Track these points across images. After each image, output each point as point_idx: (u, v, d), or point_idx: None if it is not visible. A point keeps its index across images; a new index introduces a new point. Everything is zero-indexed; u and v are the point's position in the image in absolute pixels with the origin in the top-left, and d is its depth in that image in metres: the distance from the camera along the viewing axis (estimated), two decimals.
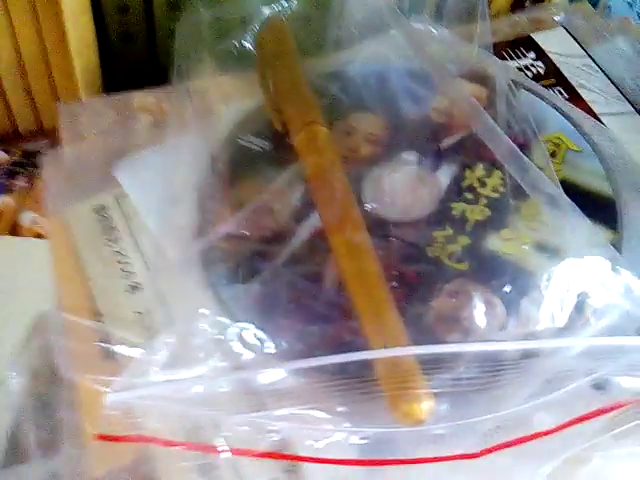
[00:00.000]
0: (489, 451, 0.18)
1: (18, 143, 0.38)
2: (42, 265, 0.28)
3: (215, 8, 0.31)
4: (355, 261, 0.22)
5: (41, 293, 0.27)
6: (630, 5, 0.36)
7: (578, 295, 0.21)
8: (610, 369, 0.19)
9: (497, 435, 0.19)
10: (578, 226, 0.22)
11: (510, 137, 0.26)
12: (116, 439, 0.18)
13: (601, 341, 0.19)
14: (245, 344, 0.19)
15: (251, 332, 0.20)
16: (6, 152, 0.37)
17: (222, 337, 0.19)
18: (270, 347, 0.20)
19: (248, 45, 0.31)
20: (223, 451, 0.18)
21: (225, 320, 0.20)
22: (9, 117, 0.37)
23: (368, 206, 0.25)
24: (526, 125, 0.25)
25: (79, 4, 0.31)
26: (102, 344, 0.22)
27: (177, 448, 0.18)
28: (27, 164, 0.37)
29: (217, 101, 0.30)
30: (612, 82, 0.31)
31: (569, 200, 0.23)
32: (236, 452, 0.18)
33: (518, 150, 0.25)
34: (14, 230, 0.34)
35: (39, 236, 0.34)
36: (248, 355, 0.19)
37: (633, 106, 0.30)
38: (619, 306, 0.20)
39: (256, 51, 0.31)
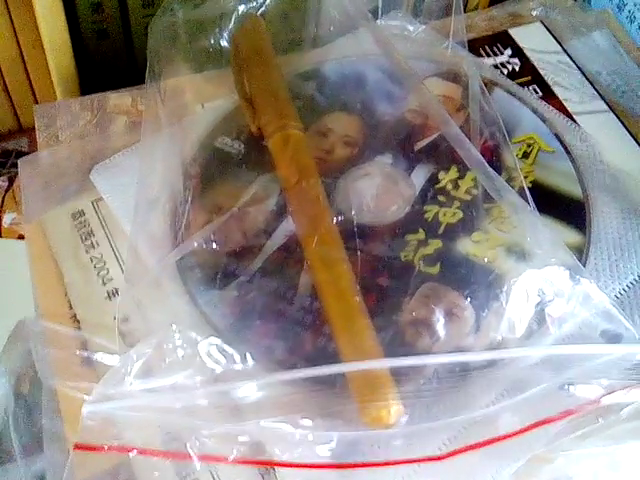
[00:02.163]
0: (453, 454, 0.19)
1: None
2: (23, 266, 0.29)
3: (190, 6, 0.31)
4: (327, 272, 0.22)
5: (23, 295, 0.28)
6: None
7: (540, 303, 0.21)
8: (571, 376, 0.19)
9: (462, 436, 0.20)
10: (541, 233, 0.23)
11: (481, 138, 0.26)
12: (93, 449, 0.18)
13: (560, 350, 0.20)
14: (219, 356, 0.20)
15: (225, 345, 0.20)
16: None
17: (196, 349, 0.20)
18: (244, 360, 0.20)
19: (224, 43, 0.31)
20: (198, 459, 0.19)
21: (200, 332, 0.21)
22: None
23: (342, 210, 0.26)
24: (497, 127, 0.26)
25: (52, 4, 0.31)
26: (81, 351, 0.22)
27: (161, 458, 0.19)
28: (6, 163, 0.37)
29: (192, 101, 0.30)
30: (587, 79, 0.31)
31: (531, 209, 0.24)
32: (210, 459, 0.19)
33: (482, 158, 0.25)
34: None
35: (20, 237, 0.35)
36: (222, 368, 0.19)
37: (607, 104, 0.30)
38: (579, 315, 0.21)
39: (231, 50, 0.30)
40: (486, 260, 0.24)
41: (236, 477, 0.20)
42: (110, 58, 0.34)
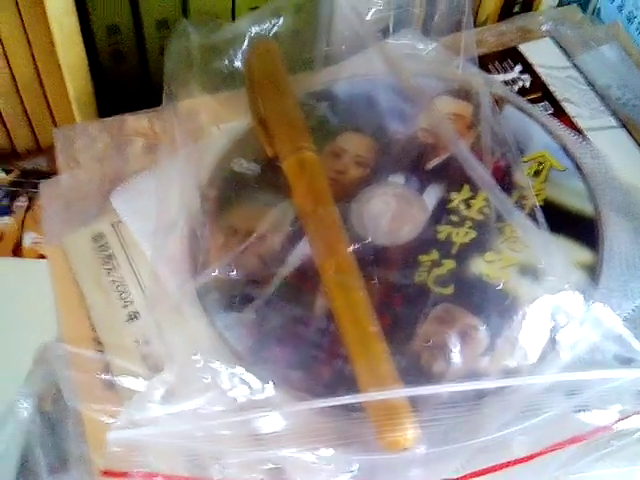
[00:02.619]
0: (468, 477, 0.20)
1: (16, 162, 0.38)
2: (44, 286, 0.30)
3: (205, 29, 0.31)
4: (344, 298, 0.22)
5: (45, 316, 0.28)
6: (619, 9, 0.36)
7: (553, 327, 0.22)
8: (583, 400, 0.20)
9: (477, 460, 0.20)
10: (553, 254, 0.23)
11: (493, 158, 0.27)
12: (121, 475, 0.19)
13: (572, 376, 0.20)
14: (240, 385, 0.20)
15: (246, 373, 0.21)
16: (5, 172, 0.38)
17: (218, 378, 0.20)
18: (264, 388, 0.21)
19: (238, 64, 0.32)
20: None
21: (221, 357, 0.21)
22: (7, 137, 0.38)
23: (356, 232, 0.26)
24: (507, 147, 0.26)
25: (69, 27, 0.31)
26: (103, 375, 0.23)
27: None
28: (26, 184, 0.38)
29: (207, 123, 0.31)
30: (597, 94, 0.31)
31: (542, 229, 0.24)
32: None
33: (491, 179, 0.25)
34: (17, 251, 0.35)
35: (41, 256, 0.35)
36: (243, 397, 0.20)
37: (618, 119, 0.30)
38: (591, 338, 0.21)
39: (245, 72, 0.31)
40: (499, 281, 0.24)
41: None
42: (126, 79, 0.35)
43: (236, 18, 0.33)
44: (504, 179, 0.27)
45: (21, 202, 0.37)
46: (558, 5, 0.37)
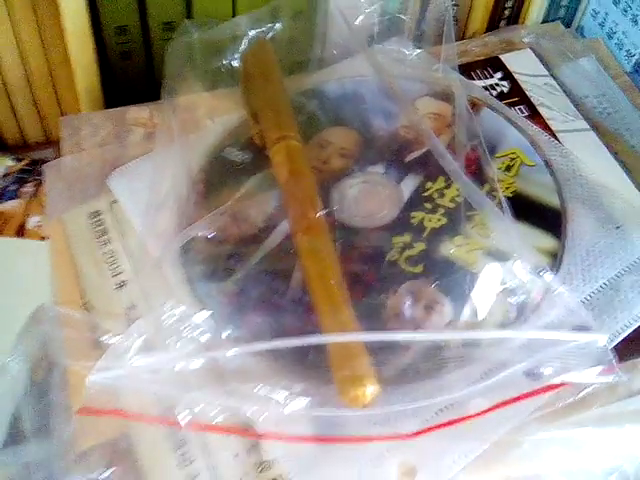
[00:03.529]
0: (424, 432, 0.21)
1: (26, 153, 0.41)
2: (44, 264, 0.31)
3: (205, 29, 0.34)
4: (315, 260, 0.24)
5: (41, 289, 0.30)
6: (601, 26, 0.38)
7: (515, 303, 0.23)
8: (540, 359, 0.21)
9: (435, 419, 0.21)
10: (516, 238, 0.25)
11: (467, 152, 0.28)
12: (95, 412, 0.20)
13: (529, 334, 0.21)
14: (210, 329, 0.22)
15: (217, 320, 0.22)
16: (16, 160, 0.40)
17: (190, 321, 0.22)
18: (234, 333, 0.22)
19: (235, 64, 0.34)
20: (188, 426, 0.20)
21: (194, 310, 0.23)
22: (18, 129, 0.40)
23: (335, 214, 0.28)
24: (478, 142, 0.28)
25: (80, 25, 0.34)
26: (91, 334, 0.25)
27: (150, 423, 0.21)
28: (34, 171, 0.40)
29: (203, 116, 0.33)
30: (572, 102, 0.33)
31: (508, 217, 0.25)
32: (200, 427, 0.21)
33: (462, 171, 0.27)
34: (21, 232, 0.37)
35: (43, 238, 0.37)
36: (212, 340, 0.21)
37: (590, 124, 0.32)
38: (549, 313, 0.22)
39: (241, 67, 0.33)
40: (465, 261, 0.26)
41: (225, 448, 0.22)
42: (132, 76, 0.38)
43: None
44: (476, 172, 0.28)
45: (28, 188, 0.39)
46: (543, 22, 0.39)
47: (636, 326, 0.24)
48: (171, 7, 0.35)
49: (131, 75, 0.38)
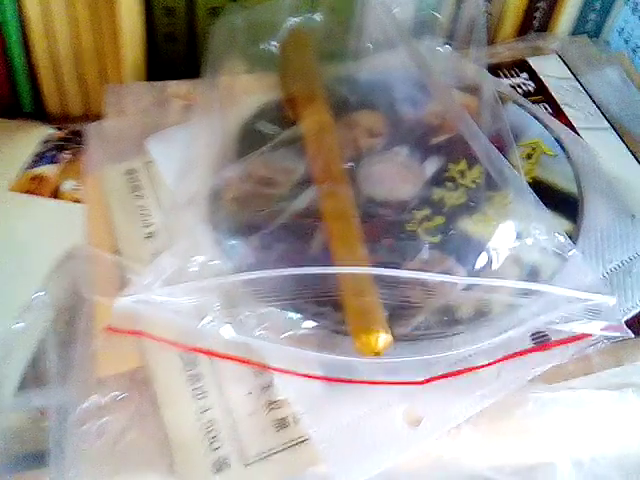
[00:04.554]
0: (431, 380, 0.21)
1: (67, 124, 0.43)
2: (76, 225, 0.33)
3: (249, 14, 0.36)
4: (333, 202, 0.25)
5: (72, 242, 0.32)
6: (626, 42, 0.40)
7: (530, 273, 0.24)
8: (549, 319, 0.22)
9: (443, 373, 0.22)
10: (538, 215, 0.26)
11: (491, 140, 0.29)
12: (119, 332, 0.21)
13: (537, 286, 0.22)
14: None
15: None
16: (57, 129, 0.42)
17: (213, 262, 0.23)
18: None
19: (274, 49, 0.36)
20: (203, 352, 0.21)
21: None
22: (62, 101, 0.43)
23: (359, 186, 0.29)
24: (505, 131, 0.29)
25: (132, 4, 0.36)
26: (119, 273, 0.26)
27: (167, 346, 0.22)
28: (74, 141, 0.42)
29: (240, 94, 0.35)
30: (595, 104, 0.34)
31: (533, 194, 0.26)
32: (214, 354, 0.22)
33: (495, 149, 0.28)
34: (55, 195, 0.39)
35: (76, 201, 0.39)
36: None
37: (611, 124, 0.33)
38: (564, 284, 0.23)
39: (279, 54, 0.35)
40: (482, 234, 0.26)
41: (238, 385, 0.22)
42: (175, 57, 0.40)
43: None
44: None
45: (65, 155, 0.41)
46: (570, 35, 0.41)
47: None
48: None
49: (174, 56, 0.40)
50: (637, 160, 0.31)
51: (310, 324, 0.22)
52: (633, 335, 0.22)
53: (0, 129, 0.42)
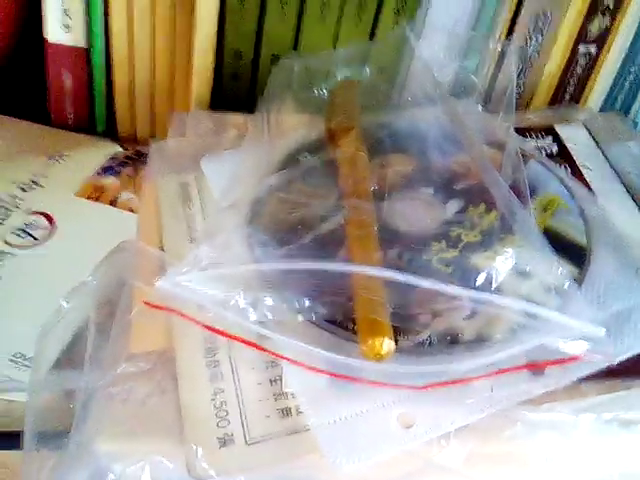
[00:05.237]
0: (427, 387, 0.23)
1: (134, 145, 0.48)
2: (127, 229, 0.37)
3: (305, 61, 0.40)
4: (356, 214, 0.28)
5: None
6: None
7: (529, 313, 0.26)
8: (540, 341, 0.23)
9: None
10: (544, 256, 0.28)
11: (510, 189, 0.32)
12: (156, 307, 0.24)
13: (535, 308, 0.24)
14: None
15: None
16: (124, 149, 0.47)
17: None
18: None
19: (324, 95, 0.40)
20: (224, 334, 0.24)
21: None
22: (132, 124, 0.48)
23: (384, 218, 0.32)
24: (522, 182, 0.32)
25: (207, 45, 0.41)
26: (160, 265, 0.29)
27: (197, 325, 0.25)
28: (136, 159, 0.47)
29: (289, 129, 0.39)
30: (614, 170, 0.36)
31: (542, 237, 0.29)
32: (232, 337, 0.24)
33: (515, 197, 0.31)
34: (113, 203, 0.43)
35: (130, 210, 0.43)
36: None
37: (627, 189, 0.35)
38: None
39: (328, 98, 0.39)
40: (491, 270, 0.29)
41: (252, 374, 0.25)
42: (237, 94, 0.45)
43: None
44: None
45: (128, 170, 0.46)
46: (599, 111, 0.44)
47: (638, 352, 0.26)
48: (281, 42, 0.42)
49: (237, 92, 0.45)
50: None
51: (321, 321, 0.25)
52: (616, 363, 0.24)
53: (75, 142, 0.48)
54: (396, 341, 0.25)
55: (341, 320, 0.26)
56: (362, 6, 0.40)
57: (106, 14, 0.41)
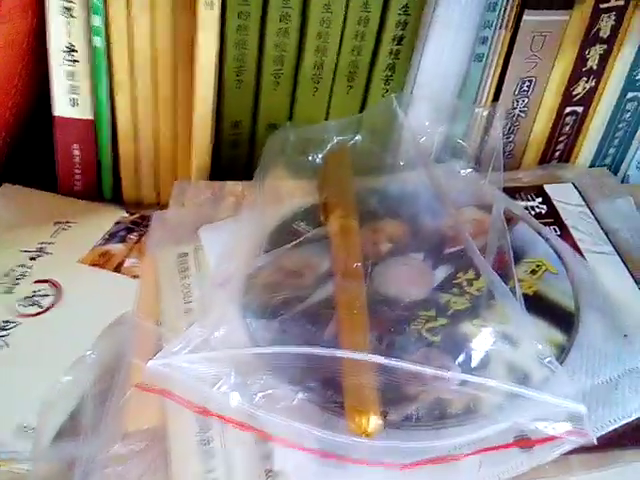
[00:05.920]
0: (417, 464, 0.23)
1: (138, 209, 0.50)
2: (131, 296, 0.38)
3: (301, 131, 0.42)
4: (346, 294, 0.29)
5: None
6: None
7: (515, 379, 0.26)
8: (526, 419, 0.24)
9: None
10: (527, 328, 0.28)
11: (496, 253, 0.33)
12: (148, 389, 0.25)
13: (521, 390, 0.24)
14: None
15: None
16: (130, 214, 0.49)
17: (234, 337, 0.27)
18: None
19: (318, 161, 0.42)
20: (213, 415, 0.25)
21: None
22: (137, 190, 0.50)
23: (375, 284, 0.32)
24: (506, 248, 0.32)
25: (206, 117, 0.43)
26: (156, 341, 0.30)
27: (186, 407, 0.25)
28: (141, 224, 0.49)
29: (284, 195, 0.40)
30: (603, 229, 0.37)
31: (523, 310, 0.29)
32: (221, 417, 0.25)
33: (489, 267, 0.31)
34: (118, 269, 0.45)
35: (135, 276, 0.44)
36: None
37: (615, 249, 0.35)
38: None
39: (322, 165, 0.41)
40: (479, 339, 0.29)
41: (242, 452, 0.25)
42: (235, 161, 0.46)
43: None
44: (503, 271, 0.32)
45: (133, 236, 0.47)
46: (590, 166, 0.45)
47: (627, 421, 0.26)
48: (277, 112, 0.44)
49: (236, 159, 0.46)
50: (637, 284, 0.33)
51: (310, 400, 0.25)
52: (595, 441, 0.24)
53: (82, 209, 0.50)
54: (385, 415, 0.26)
55: (331, 397, 0.27)
56: (352, 77, 0.42)
57: (111, 90, 0.44)
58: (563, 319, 0.30)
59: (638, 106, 0.43)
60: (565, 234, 0.36)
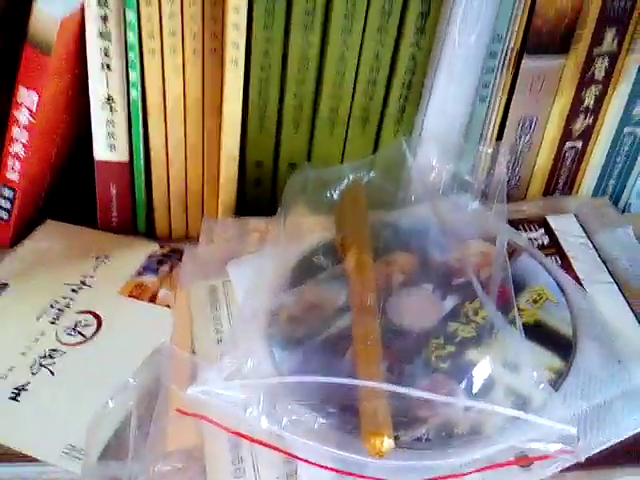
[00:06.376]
0: None
1: (169, 243, 0.53)
2: (166, 325, 0.41)
3: (319, 170, 0.45)
4: (361, 328, 0.32)
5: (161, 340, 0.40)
6: None
7: (515, 404, 0.29)
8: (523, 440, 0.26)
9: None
10: (526, 356, 0.31)
11: (499, 286, 0.36)
12: (187, 414, 0.28)
13: (519, 414, 0.27)
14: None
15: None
16: (161, 247, 0.53)
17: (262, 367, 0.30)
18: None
19: (335, 198, 0.45)
20: (244, 437, 0.28)
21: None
22: (168, 225, 0.54)
23: (388, 315, 0.36)
24: (507, 280, 0.35)
25: (231, 157, 0.47)
26: (191, 370, 0.33)
27: (222, 430, 0.29)
28: (172, 257, 0.52)
29: (305, 231, 0.43)
30: (602, 259, 0.39)
31: (522, 338, 0.32)
32: (252, 439, 0.28)
33: (490, 301, 0.34)
34: (152, 299, 0.48)
35: (168, 306, 0.48)
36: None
37: (614, 279, 0.38)
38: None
39: (338, 201, 0.44)
40: (484, 365, 0.32)
41: (270, 470, 0.29)
42: (259, 198, 0.50)
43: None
44: (506, 302, 0.35)
45: (165, 268, 0.51)
46: (593, 195, 0.47)
47: (618, 440, 0.28)
48: (297, 153, 0.48)
49: (259, 197, 0.50)
50: (633, 312, 0.36)
51: (329, 424, 0.28)
52: (583, 460, 0.26)
53: (119, 244, 0.54)
54: (397, 437, 0.29)
55: (348, 421, 0.30)
56: (366, 119, 0.46)
57: (145, 136, 0.48)
58: (562, 346, 0.33)
59: (635, 139, 0.45)
60: (566, 264, 0.39)
